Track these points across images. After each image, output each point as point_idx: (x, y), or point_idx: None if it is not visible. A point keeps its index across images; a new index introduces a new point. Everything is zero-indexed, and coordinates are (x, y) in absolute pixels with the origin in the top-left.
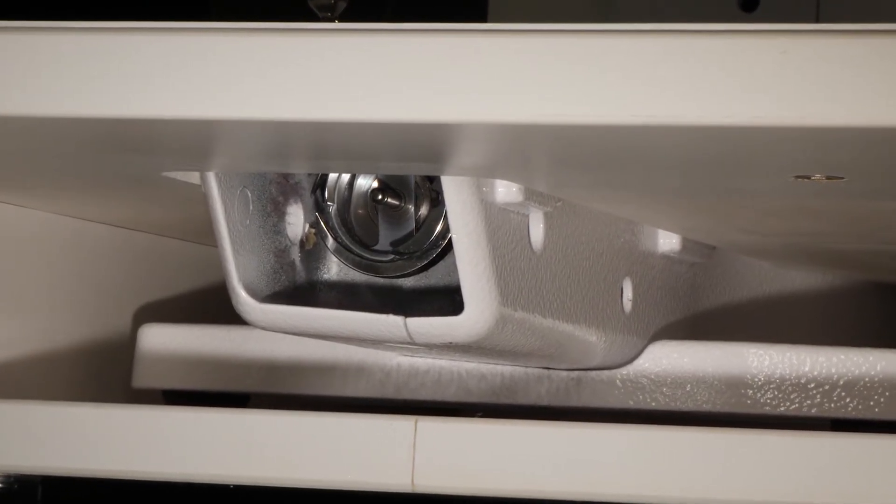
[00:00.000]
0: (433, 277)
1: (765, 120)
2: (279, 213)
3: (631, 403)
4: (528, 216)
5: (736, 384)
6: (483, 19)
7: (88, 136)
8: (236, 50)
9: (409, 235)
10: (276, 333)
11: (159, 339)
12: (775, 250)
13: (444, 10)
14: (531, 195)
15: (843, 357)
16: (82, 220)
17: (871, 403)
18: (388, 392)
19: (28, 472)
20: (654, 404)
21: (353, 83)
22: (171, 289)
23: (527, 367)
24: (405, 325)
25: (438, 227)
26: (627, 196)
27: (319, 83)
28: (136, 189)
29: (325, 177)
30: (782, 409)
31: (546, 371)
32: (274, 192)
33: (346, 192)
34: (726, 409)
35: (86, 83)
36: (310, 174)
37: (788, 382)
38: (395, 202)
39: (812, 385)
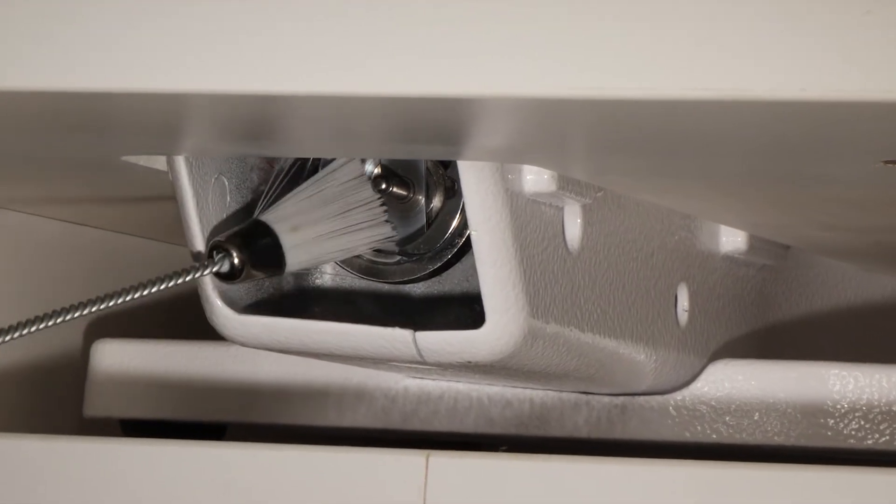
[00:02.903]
0: (448, 283)
1: (845, 94)
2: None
3: (687, 435)
4: (562, 209)
5: (814, 412)
6: None
7: (30, 113)
8: (207, 9)
9: (420, 233)
10: (258, 351)
11: (116, 357)
12: (860, 250)
13: None
14: (566, 184)
15: None
16: (24, 214)
17: None
18: (394, 421)
19: None
20: (715, 436)
21: (349, 49)
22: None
23: (561, 391)
24: (414, 340)
25: (454, 223)
26: (682, 185)
27: (309, 49)
28: (89, 176)
29: (317, 162)
30: (870, 441)
31: (584, 396)
32: (256, 181)
33: None
34: (802, 442)
35: (25, 49)
36: (299, 159)
37: (877, 410)
38: (402, 192)
39: None
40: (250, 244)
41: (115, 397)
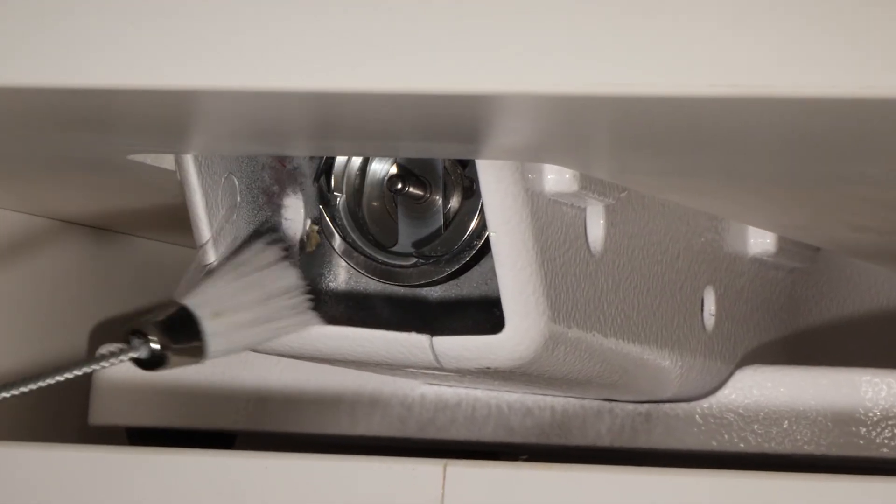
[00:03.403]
0: (466, 287)
1: (877, 90)
2: (274, 206)
3: (714, 444)
4: (584, 210)
5: (846, 420)
6: None
7: (33, 110)
8: (217, 2)
9: (437, 234)
10: (268, 356)
11: (122, 364)
12: (894, 252)
13: None
14: (588, 184)
15: None
16: (28, 215)
17: None
18: (410, 430)
19: None
20: (742, 445)
21: (365, 44)
22: (138, 300)
23: (583, 398)
24: (431, 345)
25: (473, 224)
26: (709, 185)
27: (322, 43)
28: (95, 176)
29: (330, 161)
30: None
31: (607, 404)
32: (267, 181)
33: (356, 181)
34: (834, 451)
35: (28, 45)
36: (312, 158)
37: None
38: (419, 192)
39: None
40: (171, 329)
41: (120, 404)
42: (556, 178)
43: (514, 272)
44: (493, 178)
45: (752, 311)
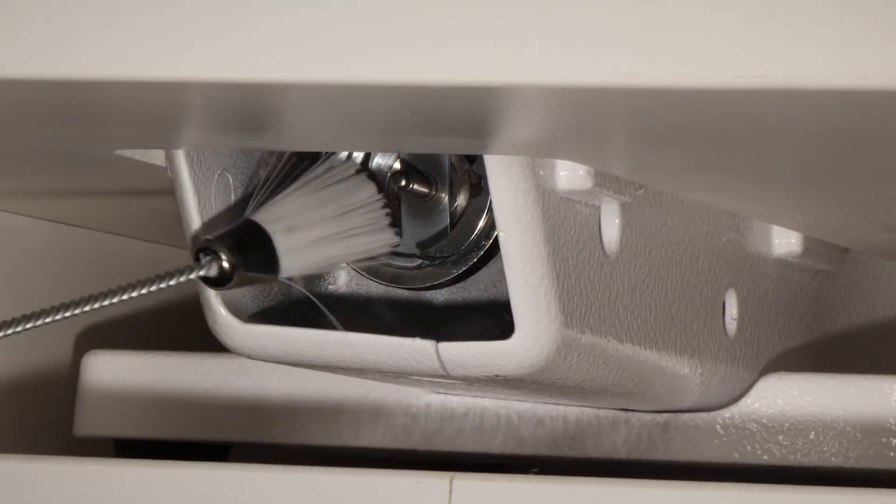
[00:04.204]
0: (474, 290)
1: None
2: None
3: (736, 456)
4: (599, 208)
5: (876, 431)
6: None
7: (14, 103)
8: None
9: (443, 234)
10: (265, 364)
11: (109, 371)
12: None
13: None
14: (603, 181)
15: None
16: (10, 214)
17: None
18: (415, 441)
19: None
20: (766, 458)
21: (367, 32)
22: (127, 304)
23: (598, 408)
24: (437, 352)
25: (481, 223)
26: (732, 182)
27: (321, 33)
28: (79, 173)
29: (330, 157)
30: None
31: (623, 413)
32: (263, 177)
33: None
34: (863, 463)
35: (8, 35)
36: (310, 153)
37: None
38: (424, 190)
39: None
40: (241, 246)
41: (108, 414)
42: (569, 175)
43: (524, 274)
44: (503, 175)
45: (777, 316)
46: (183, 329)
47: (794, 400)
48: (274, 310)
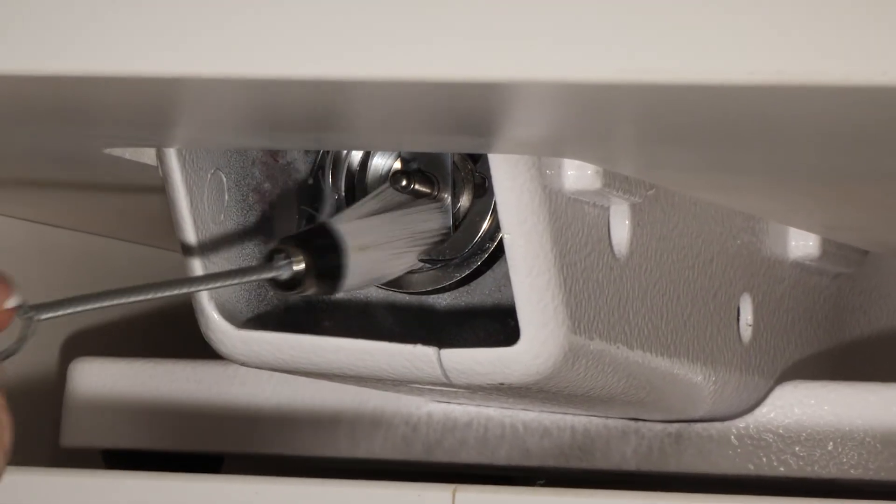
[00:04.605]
0: (478, 294)
1: None
2: (265, 204)
3: (751, 468)
4: (608, 209)
5: None
6: None
7: (2, 100)
8: None
9: (446, 236)
10: (260, 371)
11: (97, 379)
12: None
13: None
14: (613, 181)
15: None
16: None
17: None
18: (416, 452)
19: None
20: (783, 469)
21: (367, 27)
22: (116, 309)
23: (607, 417)
24: (438, 359)
25: (485, 225)
26: (747, 182)
27: (322, 27)
28: (66, 172)
29: (328, 155)
30: None
31: (633, 423)
32: (258, 177)
33: (357, 177)
34: (883, 475)
35: None
36: (307, 152)
37: None
38: (426, 190)
39: None
40: (315, 254)
41: (96, 424)
42: (577, 175)
43: (530, 278)
44: (508, 175)
45: (793, 321)
46: (174, 335)
47: (811, 409)
48: (269, 315)
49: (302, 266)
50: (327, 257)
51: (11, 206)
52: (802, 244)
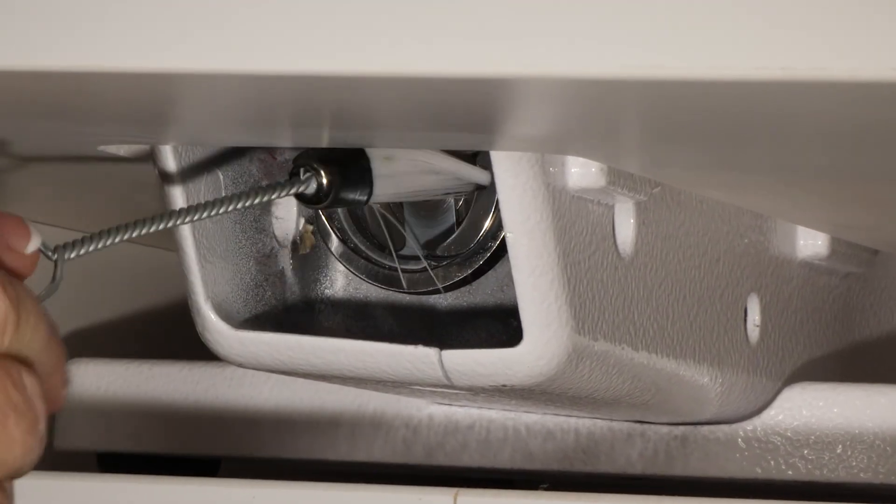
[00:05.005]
0: (480, 294)
1: None
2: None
3: (758, 472)
4: (612, 207)
5: None
6: None
7: None
8: None
9: (447, 234)
10: (257, 373)
11: (92, 380)
12: None
13: None
14: (617, 178)
15: None
16: None
17: None
18: (417, 456)
19: None
20: (791, 473)
21: (368, 22)
22: (110, 309)
23: (611, 420)
24: (440, 360)
25: (487, 224)
26: (753, 180)
27: (322, 22)
28: (60, 170)
29: None
30: None
31: (639, 426)
32: (256, 174)
33: None
34: (893, 479)
35: None
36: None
37: None
38: None
39: None
40: (340, 166)
41: (91, 426)
42: (581, 172)
43: (533, 277)
44: (511, 173)
45: (802, 322)
46: (170, 336)
47: (820, 411)
48: (266, 315)
49: (326, 178)
50: (351, 167)
51: (5, 204)
52: (811, 243)
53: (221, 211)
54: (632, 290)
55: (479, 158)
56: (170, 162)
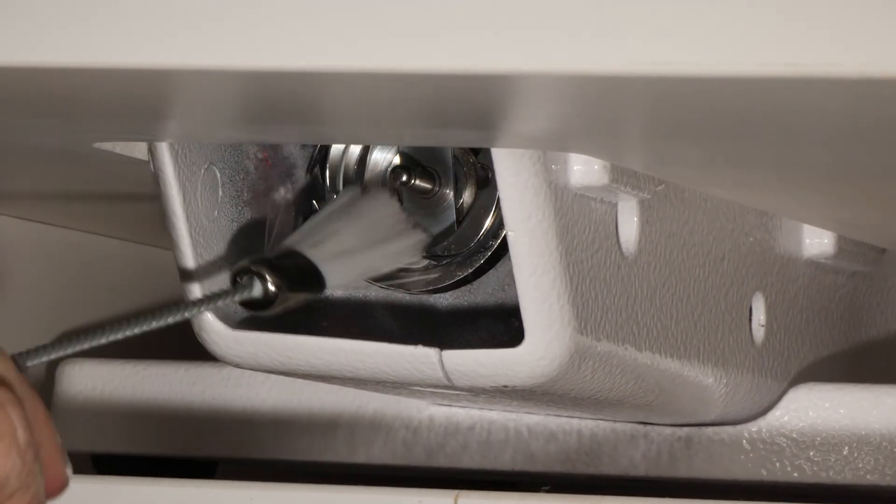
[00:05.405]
0: (480, 293)
1: None
2: (261, 200)
3: (764, 474)
4: (615, 205)
5: None
6: None
7: None
8: None
9: (447, 233)
10: (255, 373)
11: (87, 381)
12: None
13: None
14: (620, 176)
15: None
16: None
17: None
18: (417, 457)
19: None
20: (796, 475)
21: (365, 17)
22: (106, 308)
23: (614, 421)
24: (440, 360)
25: (488, 222)
26: (759, 178)
27: (318, 16)
28: (55, 167)
29: (326, 150)
30: None
31: (642, 427)
32: (252, 172)
33: (355, 172)
34: None
35: None
36: (304, 146)
37: None
38: (427, 185)
39: None
40: (279, 265)
41: (85, 428)
42: (584, 170)
43: (535, 276)
44: (512, 170)
45: (808, 321)
46: (167, 336)
47: (826, 412)
48: (264, 315)
49: (271, 280)
50: (290, 264)
51: (1, 204)
52: (817, 242)
53: (162, 323)
54: (635, 289)
55: (479, 156)
56: (166, 159)
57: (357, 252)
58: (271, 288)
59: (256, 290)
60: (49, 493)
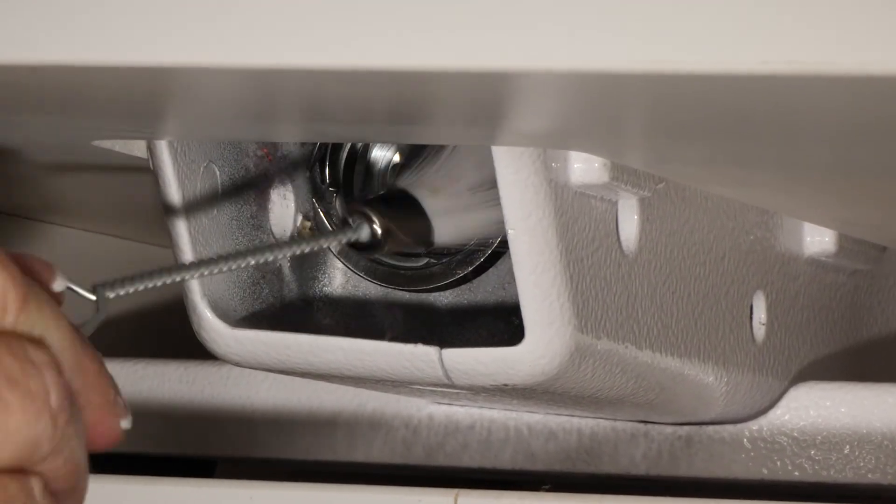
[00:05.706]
0: (480, 292)
1: None
2: (260, 198)
3: (765, 472)
4: (616, 203)
5: None
6: None
7: None
8: None
9: None
10: (254, 372)
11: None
12: None
13: None
14: (621, 174)
15: None
16: None
17: None
18: (416, 456)
19: None
20: (797, 474)
21: (366, 14)
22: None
23: (615, 420)
24: (440, 358)
25: None
26: (759, 176)
27: (318, 14)
28: (55, 164)
29: (325, 148)
30: None
31: (642, 426)
32: (253, 170)
33: (355, 170)
34: None
35: None
36: (304, 144)
37: None
38: None
39: None
40: (392, 209)
41: None
42: (584, 168)
43: (535, 275)
44: (512, 168)
45: (808, 320)
46: (165, 334)
47: (827, 411)
48: (264, 314)
49: (379, 224)
50: (403, 209)
51: None
52: (818, 240)
53: (271, 258)
54: (635, 287)
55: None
56: (165, 157)
57: (471, 209)
58: (378, 231)
59: (364, 234)
60: (97, 446)
